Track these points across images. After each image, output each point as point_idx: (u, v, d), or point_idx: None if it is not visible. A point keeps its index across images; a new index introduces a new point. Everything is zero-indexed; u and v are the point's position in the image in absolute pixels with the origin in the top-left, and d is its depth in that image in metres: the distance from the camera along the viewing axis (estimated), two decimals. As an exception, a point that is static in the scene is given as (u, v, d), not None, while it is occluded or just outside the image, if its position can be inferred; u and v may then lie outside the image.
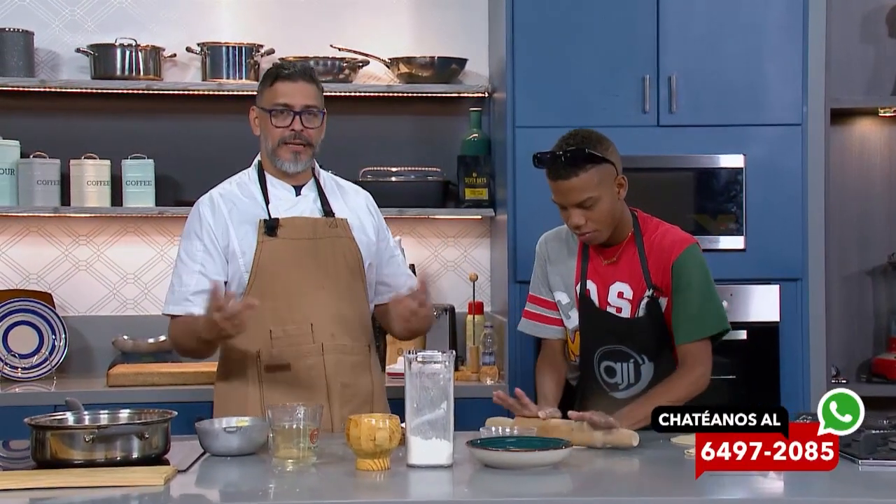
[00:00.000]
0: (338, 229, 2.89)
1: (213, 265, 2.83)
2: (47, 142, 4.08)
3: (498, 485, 2.27)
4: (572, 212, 2.76)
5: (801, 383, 3.83)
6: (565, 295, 2.92)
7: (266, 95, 2.87)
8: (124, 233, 4.19)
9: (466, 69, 4.21)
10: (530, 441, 2.45)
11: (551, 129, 3.74)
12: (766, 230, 3.81)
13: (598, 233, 2.78)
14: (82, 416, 2.53)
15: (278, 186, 2.90)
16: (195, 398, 3.64)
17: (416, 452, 2.36)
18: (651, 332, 2.83)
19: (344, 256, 2.89)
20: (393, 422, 2.33)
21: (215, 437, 2.48)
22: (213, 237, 2.84)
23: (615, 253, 2.85)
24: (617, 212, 2.80)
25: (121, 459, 2.34)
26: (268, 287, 2.80)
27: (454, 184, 4.17)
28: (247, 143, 4.07)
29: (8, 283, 4.14)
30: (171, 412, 2.50)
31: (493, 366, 3.90)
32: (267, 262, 2.81)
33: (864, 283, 4.33)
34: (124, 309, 4.20)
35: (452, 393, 2.39)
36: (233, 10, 4.23)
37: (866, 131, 4.34)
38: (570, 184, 2.73)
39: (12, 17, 4.11)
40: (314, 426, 2.37)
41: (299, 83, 2.85)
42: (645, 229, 2.86)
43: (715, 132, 3.80)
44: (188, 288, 2.83)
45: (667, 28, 3.79)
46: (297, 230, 2.85)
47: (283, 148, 2.85)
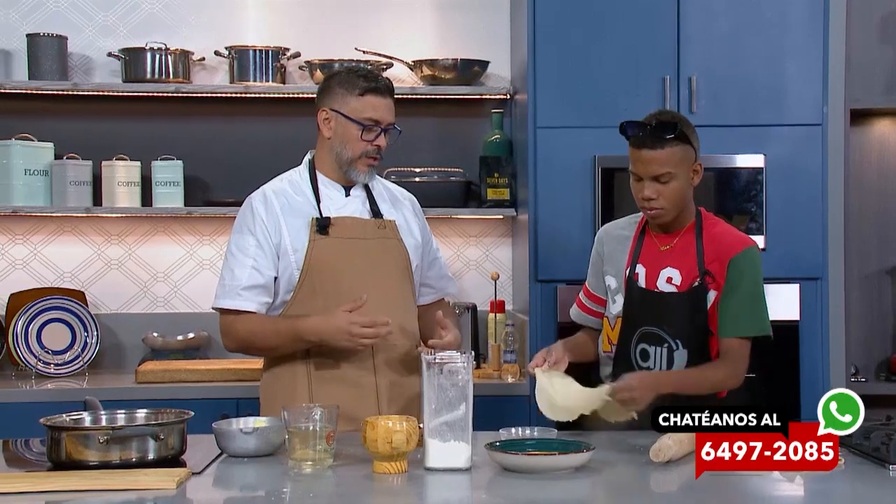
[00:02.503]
0: (386, 230, 2.75)
1: (266, 260, 2.67)
2: (80, 144, 3.96)
3: (517, 489, 2.09)
4: (647, 184, 2.63)
5: (820, 381, 3.66)
6: (615, 280, 2.79)
7: (354, 104, 2.68)
8: (154, 232, 4.06)
9: (488, 71, 4.06)
10: (550, 444, 2.27)
11: (572, 130, 3.64)
12: (786, 230, 3.64)
13: (665, 211, 2.65)
14: (99, 416, 2.37)
15: (329, 186, 2.75)
16: (223, 395, 3.53)
17: (434, 455, 2.18)
18: (690, 315, 2.67)
19: (393, 257, 2.75)
20: (410, 424, 2.16)
21: (232, 438, 2.31)
22: (267, 233, 2.67)
23: (673, 239, 2.72)
24: (686, 196, 2.68)
25: (136, 461, 2.19)
26: (318, 284, 2.66)
27: (476, 184, 4.02)
28: (273, 144, 4.00)
29: (43, 282, 4.02)
30: (188, 412, 2.34)
31: (514, 364, 3.74)
32: (318, 260, 2.66)
33: (884, 282, 4.16)
34: (154, 307, 4.06)
35: (472, 394, 2.21)
36: (260, 15, 4.10)
37: (886, 132, 4.17)
38: (653, 154, 2.60)
39: (48, 22, 4.00)
40: (331, 428, 2.21)
41: (388, 99, 2.71)
42: (706, 223, 2.74)
43: (735, 132, 3.63)
44: (240, 282, 2.66)
45: (687, 29, 3.63)
46: (347, 229, 2.70)
47: (362, 160, 2.70)
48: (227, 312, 2.68)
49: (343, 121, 2.69)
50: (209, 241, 4.07)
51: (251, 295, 2.65)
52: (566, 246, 3.60)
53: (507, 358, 3.75)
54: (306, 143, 3.96)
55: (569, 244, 3.59)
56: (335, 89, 2.72)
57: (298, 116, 4.00)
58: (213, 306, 2.74)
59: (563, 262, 3.59)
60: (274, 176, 2.85)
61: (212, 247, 4.06)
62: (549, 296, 3.62)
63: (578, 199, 3.62)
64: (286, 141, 3.98)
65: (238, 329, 2.68)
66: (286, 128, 4.00)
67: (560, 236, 3.62)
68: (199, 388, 3.57)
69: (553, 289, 3.61)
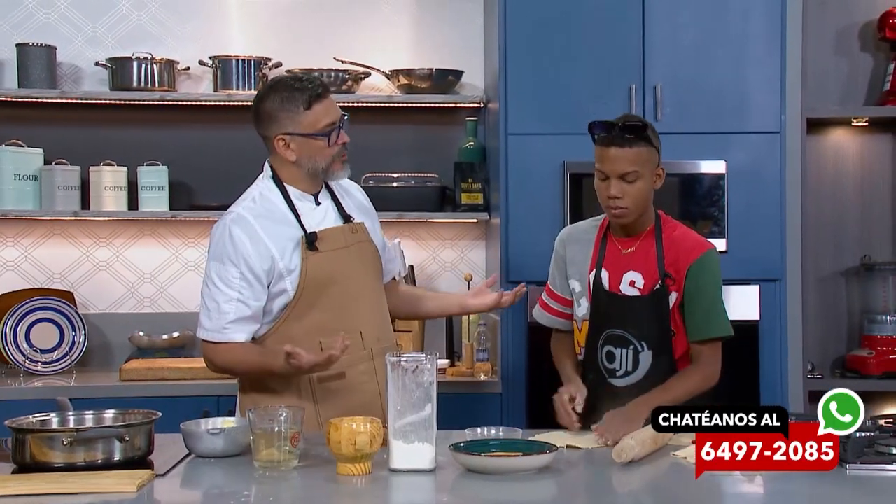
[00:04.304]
0: (359, 234, 2.54)
1: (251, 291, 2.38)
2: (68, 150, 3.78)
3: (481, 491, 1.92)
4: (612, 182, 2.48)
5: (779, 378, 3.54)
6: (578, 283, 2.63)
7: (306, 120, 2.40)
8: (141, 235, 3.88)
9: (463, 81, 3.89)
10: (514, 444, 2.11)
11: (542, 137, 3.50)
12: (746, 233, 3.50)
13: (629, 211, 2.50)
14: (66, 417, 2.19)
15: (301, 199, 2.48)
16: (204, 392, 3.35)
17: (398, 456, 2.02)
18: (653, 317, 2.53)
19: (370, 260, 2.56)
20: (374, 425, 1.99)
21: (199, 439, 2.14)
22: (251, 263, 2.37)
23: (634, 243, 2.57)
24: (649, 198, 2.54)
25: (102, 462, 2.01)
26: (315, 300, 2.42)
27: (451, 189, 3.85)
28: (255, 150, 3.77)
29: (33, 283, 3.84)
30: (156, 413, 2.16)
31: (486, 362, 3.58)
32: (314, 277, 2.41)
33: (839, 284, 4.02)
34: (141, 307, 3.88)
35: (436, 395, 2.05)
36: (243, 26, 3.92)
37: (840, 140, 4.02)
38: (621, 152, 2.46)
39: (39, 33, 3.82)
40: (296, 429, 2.04)
41: (329, 96, 2.44)
42: (665, 226, 2.59)
43: (698, 139, 3.49)
44: (227, 316, 2.38)
45: (652, 40, 3.49)
46: (332, 241, 2.46)
47: (336, 163, 2.46)
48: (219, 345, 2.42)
49: (302, 140, 2.41)
50: (194, 244, 3.90)
51: (238, 327, 2.39)
52: (536, 248, 3.43)
53: (479, 356, 3.59)
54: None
55: (538, 246, 3.40)
56: (278, 114, 2.41)
57: (280, 124, 3.86)
58: (200, 337, 2.46)
59: (533, 263, 3.41)
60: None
61: (196, 249, 3.89)
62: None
63: (548, 203, 3.47)
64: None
65: (219, 359, 2.43)
66: (268, 135, 3.84)
67: (530, 239, 3.47)
68: (182, 386, 3.41)
69: (523, 290, 3.46)
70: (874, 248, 3.99)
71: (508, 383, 3.49)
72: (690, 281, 2.51)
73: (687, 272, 2.51)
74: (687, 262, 2.52)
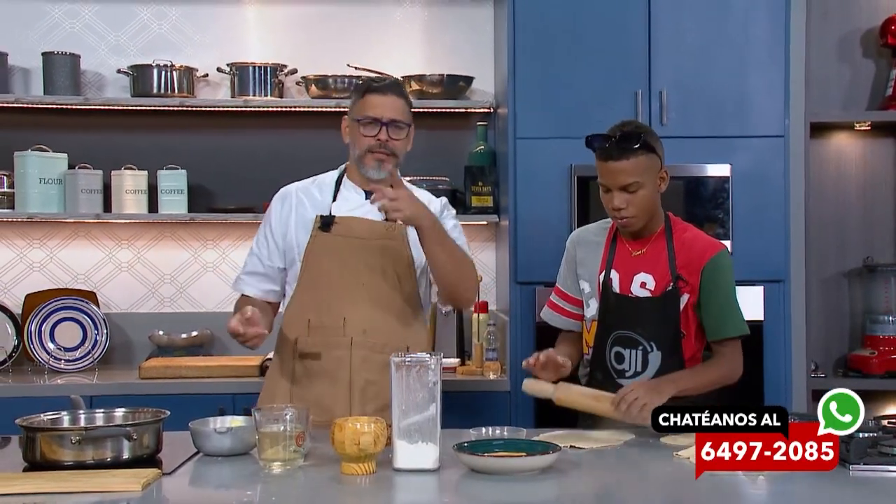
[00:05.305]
0: (394, 234, 2.52)
1: (267, 251, 2.58)
2: (91, 154, 3.73)
3: (484, 491, 1.84)
4: (615, 194, 2.41)
5: (783, 377, 3.45)
6: (588, 284, 2.55)
7: (357, 106, 2.54)
8: (161, 237, 3.83)
9: (473, 86, 3.82)
10: (518, 444, 2.03)
11: (550, 140, 3.41)
12: (751, 235, 3.41)
13: (635, 219, 2.43)
14: (77, 416, 2.12)
15: (350, 189, 2.58)
16: (221, 390, 3.28)
17: (402, 456, 1.94)
18: (664, 318, 2.44)
19: (392, 260, 2.52)
20: (378, 425, 1.92)
21: (207, 438, 2.08)
22: (273, 224, 2.58)
23: (644, 245, 2.49)
24: (655, 203, 2.46)
25: (111, 460, 1.95)
26: (314, 278, 2.51)
27: (462, 192, 3.77)
28: (272, 155, 3.78)
29: (58, 283, 3.79)
30: (164, 412, 2.10)
31: (495, 361, 3.49)
32: (315, 255, 2.51)
33: (841, 285, 3.92)
34: (161, 306, 3.83)
35: (440, 395, 1.97)
36: (259, 34, 3.86)
37: (843, 144, 3.92)
38: (619, 165, 2.38)
39: (65, 42, 3.78)
40: (301, 429, 1.97)
41: (389, 97, 2.53)
42: (675, 228, 2.51)
43: (703, 143, 3.40)
44: (245, 267, 2.63)
45: (657, 46, 3.40)
46: (350, 229, 2.51)
47: (368, 156, 2.52)
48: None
49: (351, 123, 2.56)
50: (212, 246, 3.84)
51: (250, 280, 2.59)
52: (544, 249, 3.36)
53: (489, 356, 3.50)
54: (303, 153, 3.79)
55: (547, 248, 3.35)
56: (351, 100, 2.61)
57: (295, 129, 3.81)
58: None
59: (542, 264, 3.34)
60: (274, 184, 2.71)
61: (215, 251, 3.83)
62: (528, 296, 3.39)
63: (556, 206, 3.39)
64: (284, 152, 3.80)
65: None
66: (283, 139, 3.79)
67: (538, 240, 3.39)
68: (199, 384, 3.34)
69: (532, 290, 3.38)
70: (876, 249, 3.90)
71: (517, 382, 3.40)
72: (706, 282, 2.43)
73: (701, 273, 2.44)
74: (700, 263, 2.44)
